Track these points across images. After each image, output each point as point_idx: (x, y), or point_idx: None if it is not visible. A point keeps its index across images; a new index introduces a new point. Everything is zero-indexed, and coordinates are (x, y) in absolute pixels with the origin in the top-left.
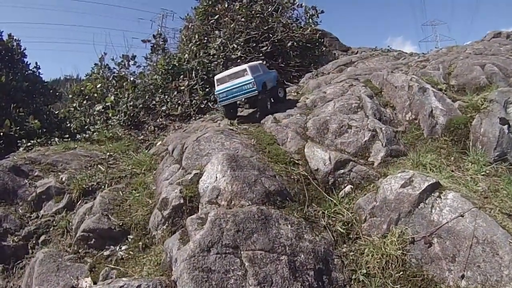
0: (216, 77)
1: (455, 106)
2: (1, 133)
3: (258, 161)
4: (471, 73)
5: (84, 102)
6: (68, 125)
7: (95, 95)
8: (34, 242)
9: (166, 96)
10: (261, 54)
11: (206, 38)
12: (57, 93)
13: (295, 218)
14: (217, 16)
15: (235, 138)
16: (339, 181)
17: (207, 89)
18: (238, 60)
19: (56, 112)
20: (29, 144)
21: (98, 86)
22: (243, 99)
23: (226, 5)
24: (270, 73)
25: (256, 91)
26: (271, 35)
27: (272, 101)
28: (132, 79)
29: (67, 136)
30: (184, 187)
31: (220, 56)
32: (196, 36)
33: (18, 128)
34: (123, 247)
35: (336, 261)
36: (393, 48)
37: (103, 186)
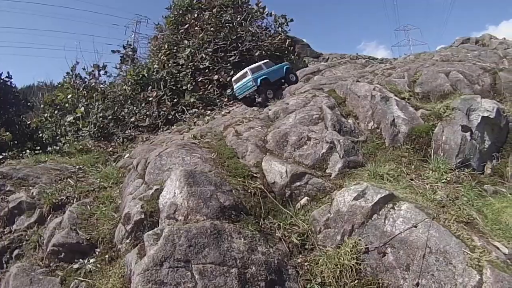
0: (233, 79)
1: (418, 115)
2: None
3: (216, 176)
4: (435, 81)
5: (56, 112)
6: (40, 135)
7: (66, 105)
8: (8, 256)
9: (135, 107)
10: (228, 64)
11: (175, 48)
12: (29, 103)
13: (249, 231)
14: (186, 26)
15: (196, 153)
16: (295, 193)
17: (175, 100)
18: (206, 70)
19: (28, 122)
20: (0, 157)
21: (69, 96)
22: (250, 92)
23: (196, 15)
24: (275, 67)
25: (255, 86)
26: (239, 45)
27: (284, 82)
28: (101, 89)
29: (38, 148)
30: (145, 202)
31: (189, 66)
32: (166, 46)
33: None
34: (91, 260)
35: (291, 272)
36: (367, 52)
37: (72, 200)
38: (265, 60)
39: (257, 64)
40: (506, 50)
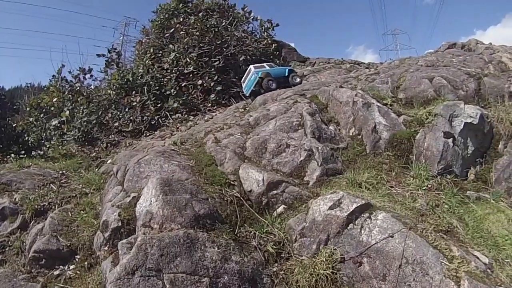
0: (242, 80)
1: (400, 121)
2: None
3: (192, 184)
4: (419, 86)
5: (41, 115)
6: (26, 139)
7: (52, 108)
8: None
9: (119, 112)
10: (212, 69)
11: (160, 52)
12: (15, 106)
13: (224, 240)
14: (172, 30)
15: (174, 160)
16: (272, 201)
17: (158, 105)
18: (190, 75)
19: (14, 125)
20: None
21: (55, 100)
22: (256, 87)
23: (181, 19)
24: (277, 68)
25: (258, 78)
26: (224, 49)
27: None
28: (87, 93)
29: (23, 152)
30: (123, 210)
31: (173, 71)
32: (151, 50)
33: None
34: (71, 267)
35: (266, 281)
36: (355, 56)
37: (54, 206)
38: (268, 63)
39: (260, 64)
40: (492, 55)
